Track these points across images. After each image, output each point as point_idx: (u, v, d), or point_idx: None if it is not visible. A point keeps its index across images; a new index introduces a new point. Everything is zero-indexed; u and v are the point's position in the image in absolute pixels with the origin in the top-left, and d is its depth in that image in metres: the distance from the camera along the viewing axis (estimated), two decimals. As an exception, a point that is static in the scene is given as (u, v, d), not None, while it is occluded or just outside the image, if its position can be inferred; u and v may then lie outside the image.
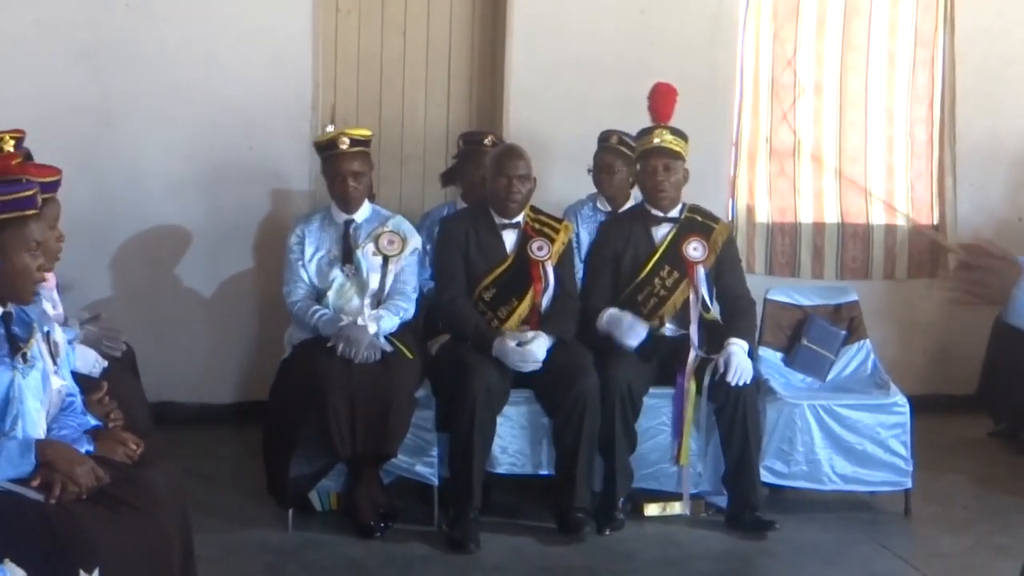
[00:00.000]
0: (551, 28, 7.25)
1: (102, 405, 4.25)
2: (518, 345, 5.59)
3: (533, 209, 6.00)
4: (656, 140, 5.94)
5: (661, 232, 6.04)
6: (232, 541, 5.32)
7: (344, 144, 5.77)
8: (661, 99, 6.18)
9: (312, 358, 5.51)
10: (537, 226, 5.96)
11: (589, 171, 6.63)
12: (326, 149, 5.87)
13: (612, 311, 5.87)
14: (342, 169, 5.79)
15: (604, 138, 6.60)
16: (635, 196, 6.45)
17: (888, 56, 7.81)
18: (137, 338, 5.81)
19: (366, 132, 5.92)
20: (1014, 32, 7.83)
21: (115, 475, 3.67)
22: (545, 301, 5.86)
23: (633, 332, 5.77)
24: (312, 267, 5.85)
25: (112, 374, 4.92)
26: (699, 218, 6.10)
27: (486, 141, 6.54)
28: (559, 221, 6.07)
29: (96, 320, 5.36)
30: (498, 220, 5.92)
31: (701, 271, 5.97)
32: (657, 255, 5.98)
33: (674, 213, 6.05)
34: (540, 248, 5.89)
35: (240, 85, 6.93)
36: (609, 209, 6.56)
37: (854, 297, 6.52)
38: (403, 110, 7.39)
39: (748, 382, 5.67)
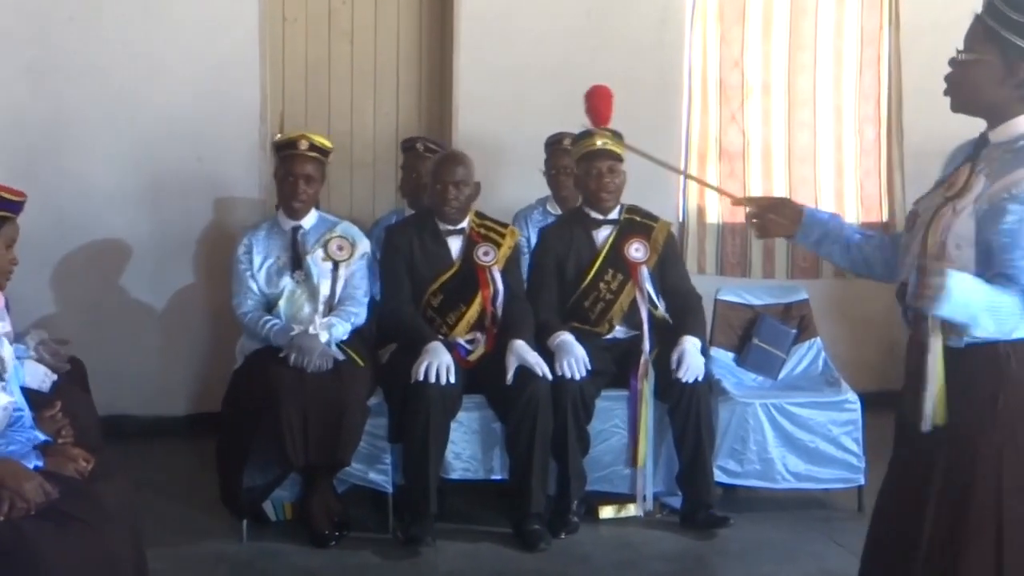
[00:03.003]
0: (498, 33, 7.25)
1: (54, 421, 4.22)
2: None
3: (478, 214, 6.01)
4: (599, 143, 5.91)
5: (602, 235, 6.05)
6: (186, 553, 5.29)
7: (303, 146, 5.77)
8: (600, 101, 6.10)
9: (264, 368, 5.50)
10: (483, 231, 5.96)
11: (544, 173, 6.63)
12: (284, 148, 5.85)
13: (565, 338, 5.77)
14: (295, 170, 5.78)
15: (556, 140, 6.59)
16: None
17: (835, 55, 7.86)
18: (87, 351, 5.78)
19: (327, 142, 5.90)
20: (959, 28, 7.79)
21: (64, 490, 3.65)
22: (499, 307, 5.85)
23: (570, 366, 5.63)
24: (261, 276, 5.82)
25: (62, 387, 4.90)
26: (638, 218, 6.11)
27: (418, 145, 6.56)
28: (505, 226, 6.07)
29: (43, 339, 5.31)
30: (443, 226, 5.91)
31: (645, 271, 5.98)
32: (600, 259, 5.99)
33: (613, 215, 6.07)
34: (486, 253, 5.89)
35: (187, 96, 6.88)
36: (560, 212, 6.56)
37: (804, 296, 6.54)
38: (352, 118, 7.38)
39: (700, 379, 5.70)
